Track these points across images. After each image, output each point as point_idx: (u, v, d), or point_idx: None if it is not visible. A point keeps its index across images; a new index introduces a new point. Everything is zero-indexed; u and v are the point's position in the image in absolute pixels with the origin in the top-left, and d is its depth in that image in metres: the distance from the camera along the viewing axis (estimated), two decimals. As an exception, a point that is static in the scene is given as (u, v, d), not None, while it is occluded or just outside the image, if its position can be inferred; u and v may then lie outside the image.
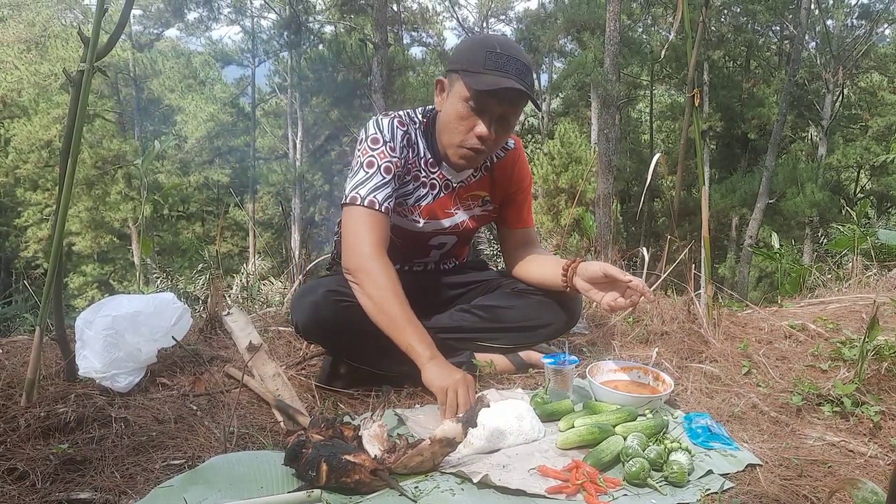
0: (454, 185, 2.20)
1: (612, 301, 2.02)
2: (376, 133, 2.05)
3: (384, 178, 2.02)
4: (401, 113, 2.14)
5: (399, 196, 2.12)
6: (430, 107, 2.19)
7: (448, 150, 2.07)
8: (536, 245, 2.38)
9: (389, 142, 2.05)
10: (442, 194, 2.19)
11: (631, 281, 2.00)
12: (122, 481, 1.52)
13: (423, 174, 2.16)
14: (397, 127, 2.08)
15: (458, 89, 1.98)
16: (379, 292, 1.91)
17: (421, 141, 2.15)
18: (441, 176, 2.17)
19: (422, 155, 2.15)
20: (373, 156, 2.03)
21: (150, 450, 1.67)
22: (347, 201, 2.02)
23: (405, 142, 2.09)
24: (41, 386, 1.92)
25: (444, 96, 2.06)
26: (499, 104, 1.96)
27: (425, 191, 2.17)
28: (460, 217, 2.25)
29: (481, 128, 1.98)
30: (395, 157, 2.05)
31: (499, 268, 2.59)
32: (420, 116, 2.16)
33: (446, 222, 2.23)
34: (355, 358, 2.08)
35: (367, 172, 2.02)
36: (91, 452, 1.63)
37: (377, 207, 1.99)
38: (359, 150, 2.07)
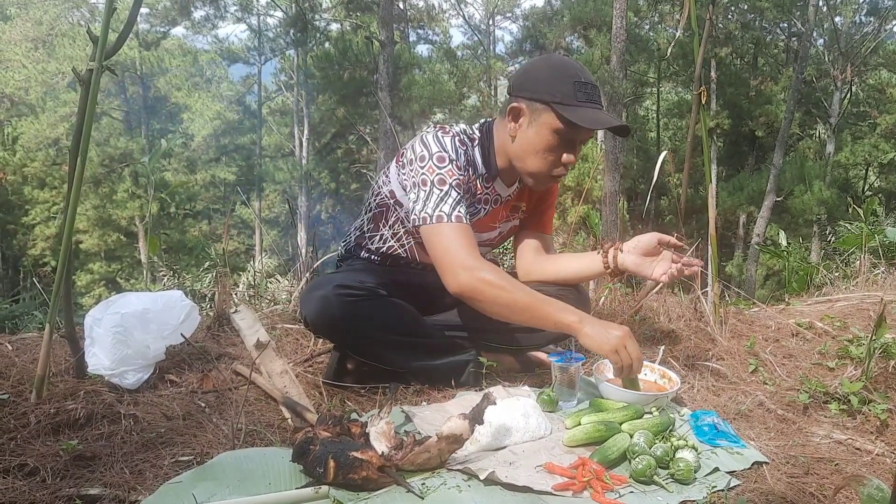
0: (503, 199, 2.25)
1: (667, 272, 2.10)
2: (441, 151, 2.02)
3: (459, 193, 2.00)
4: (457, 130, 2.12)
5: None
6: (483, 120, 2.21)
7: (532, 177, 2.10)
8: (553, 252, 2.42)
9: (455, 160, 2.03)
10: (493, 208, 2.24)
11: (684, 247, 2.11)
12: (131, 477, 1.53)
13: (480, 191, 2.19)
14: (458, 146, 2.07)
15: (548, 120, 1.99)
16: (502, 296, 1.91)
17: (478, 158, 2.16)
18: (493, 191, 2.21)
19: (478, 172, 2.17)
20: (442, 174, 2.00)
21: (158, 446, 1.68)
22: (433, 221, 1.97)
23: (465, 160, 2.10)
24: (51, 383, 1.93)
25: (521, 123, 2.04)
26: (586, 133, 2.03)
27: (479, 206, 2.21)
28: (500, 229, 2.32)
29: (570, 157, 2.05)
30: (461, 174, 2.04)
31: (505, 267, 2.60)
32: (477, 133, 2.17)
33: (489, 234, 2.29)
34: (363, 353, 2.09)
35: (442, 190, 1.98)
36: (100, 449, 1.65)
37: (464, 221, 1.98)
38: (422, 167, 2.01)
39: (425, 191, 1.99)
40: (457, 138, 2.07)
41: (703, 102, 2.67)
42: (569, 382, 2.00)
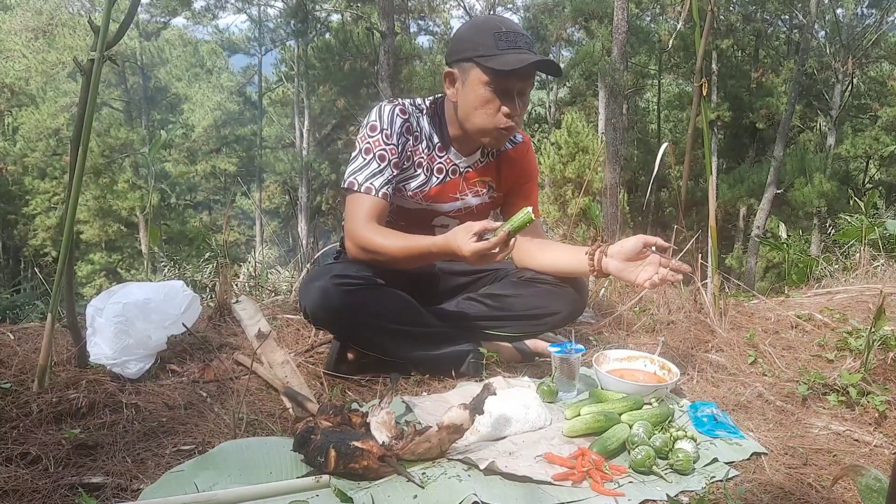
0: (461, 169, 2.24)
1: (651, 278, 2.01)
2: (375, 121, 2.12)
3: (379, 165, 2.09)
4: (405, 101, 2.20)
5: (400, 181, 2.17)
6: (439, 95, 2.23)
7: (479, 135, 2.13)
8: (543, 236, 2.40)
9: (386, 129, 2.11)
10: (449, 178, 2.23)
11: (672, 248, 2.06)
12: (133, 466, 1.54)
13: (427, 160, 2.20)
14: (397, 115, 2.14)
15: (476, 75, 2.04)
16: (379, 259, 2.02)
17: (427, 127, 2.20)
18: (448, 161, 2.22)
19: (427, 141, 2.19)
20: (370, 143, 2.11)
21: (160, 435, 1.69)
22: (346, 185, 2.11)
23: (403, 129, 2.15)
24: (53, 372, 1.94)
25: (456, 87, 2.11)
26: (519, 80, 2.04)
27: (429, 176, 2.21)
28: (468, 201, 2.29)
29: (508, 107, 2.05)
30: (390, 144, 2.10)
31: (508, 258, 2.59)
32: (427, 104, 2.22)
33: (450, 206, 2.26)
34: (363, 343, 2.10)
35: (365, 159, 2.10)
36: (102, 438, 1.66)
37: (374, 193, 2.06)
38: (360, 136, 2.14)
39: (354, 154, 2.13)
40: (398, 108, 2.15)
41: (704, 94, 2.67)
42: (569, 373, 2.00)
